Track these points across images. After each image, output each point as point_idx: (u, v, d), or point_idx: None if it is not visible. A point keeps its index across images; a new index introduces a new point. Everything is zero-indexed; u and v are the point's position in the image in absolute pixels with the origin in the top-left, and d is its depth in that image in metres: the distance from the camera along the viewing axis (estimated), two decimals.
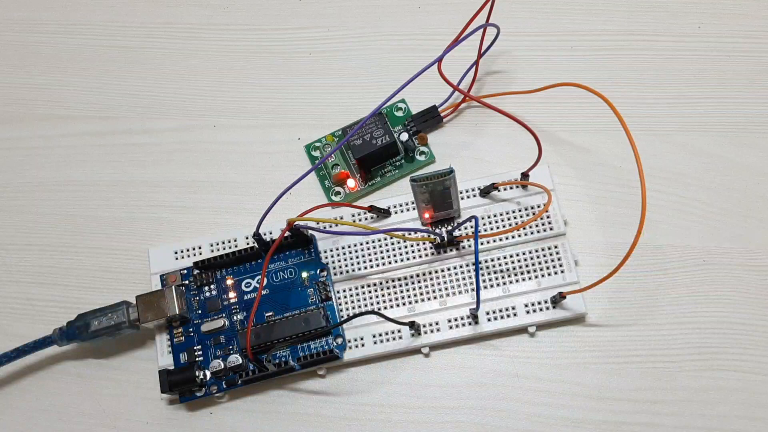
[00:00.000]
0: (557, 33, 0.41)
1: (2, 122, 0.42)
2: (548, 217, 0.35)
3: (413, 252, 0.35)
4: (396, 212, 0.36)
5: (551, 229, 0.35)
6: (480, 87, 0.40)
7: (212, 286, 0.35)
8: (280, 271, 0.35)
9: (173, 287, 0.34)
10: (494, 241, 0.35)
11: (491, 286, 0.34)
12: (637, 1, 0.41)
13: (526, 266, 0.35)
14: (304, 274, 0.35)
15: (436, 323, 0.34)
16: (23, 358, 0.35)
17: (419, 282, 0.35)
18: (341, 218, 0.36)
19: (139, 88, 0.42)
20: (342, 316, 0.34)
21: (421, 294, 0.35)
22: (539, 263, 0.35)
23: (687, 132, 0.38)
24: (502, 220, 0.36)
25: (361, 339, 0.34)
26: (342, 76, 0.41)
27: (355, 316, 0.32)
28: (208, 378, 0.33)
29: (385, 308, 0.34)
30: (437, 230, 0.35)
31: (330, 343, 0.34)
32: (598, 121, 0.39)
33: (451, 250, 0.35)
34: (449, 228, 0.35)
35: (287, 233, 0.34)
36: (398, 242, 0.35)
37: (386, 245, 0.35)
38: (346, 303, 0.35)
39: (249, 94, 0.42)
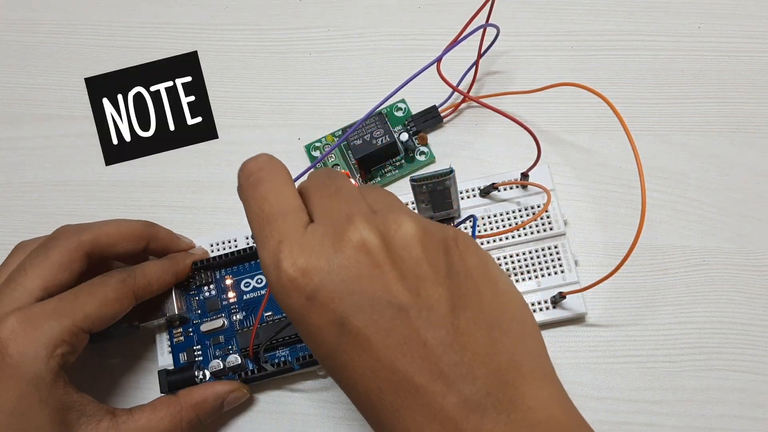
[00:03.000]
0: (557, 33, 0.41)
1: (2, 122, 0.42)
2: (548, 217, 0.35)
3: None
4: None
5: (551, 229, 0.35)
6: (480, 87, 0.40)
7: (211, 286, 0.35)
8: None
9: (173, 287, 0.34)
10: (494, 241, 0.35)
11: None
12: (637, 1, 0.41)
13: (526, 266, 0.35)
14: None
15: None
16: None
17: None
18: None
19: None
20: None
21: None
22: (539, 263, 0.35)
23: (687, 132, 0.38)
24: (502, 220, 0.36)
25: None
26: (342, 76, 0.41)
27: None
28: (207, 378, 0.33)
29: None
30: None
31: None
32: (598, 121, 0.39)
33: None
34: None
35: None
36: None
37: None
38: None
39: (249, 94, 0.42)
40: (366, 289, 0.20)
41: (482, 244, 0.35)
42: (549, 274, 0.34)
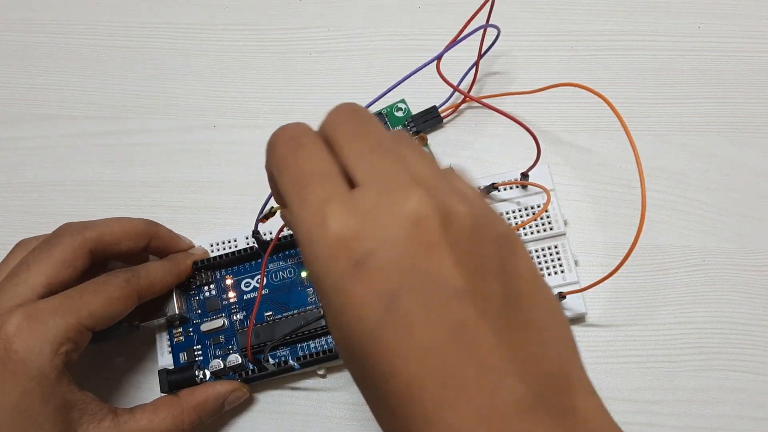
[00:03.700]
0: (557, 33, 0.41)
1: (2, 122, 0.42)
2: (548, 217, 0.35)
3: None
4: None
5: (551, 229, 0.35)
6: (480, 87, 0.40)
7: (212, 286, 0.35)
8: (280, 271, 0.35)
9: (173, 287, 0.34)
10: None
11: None
12: (637, 1, 0.41)
13: None
14: (304, 274, 0.35)
15: None
16: None
17: None
18: None
19: (139, 88, 0.42)
20: None
21: None
22: (539, 263, 0.35)
23: (687, 132, 0.38)
24: None
25: None
26: (342, 76, 0.41)
27: None
28: (208, 378, 0.33)
29: None
30: None
31: (330, 342, 0.34)
32: (598, 121, 0.39)
33: None
34: None
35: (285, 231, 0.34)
36: None
37: None
38: None
39: (249, 94, 0.42)
40: (422, 266, 0.18)
41: None
42: (549, 274, 0.34)
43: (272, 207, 0.30)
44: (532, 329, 0.19)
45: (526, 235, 0.35)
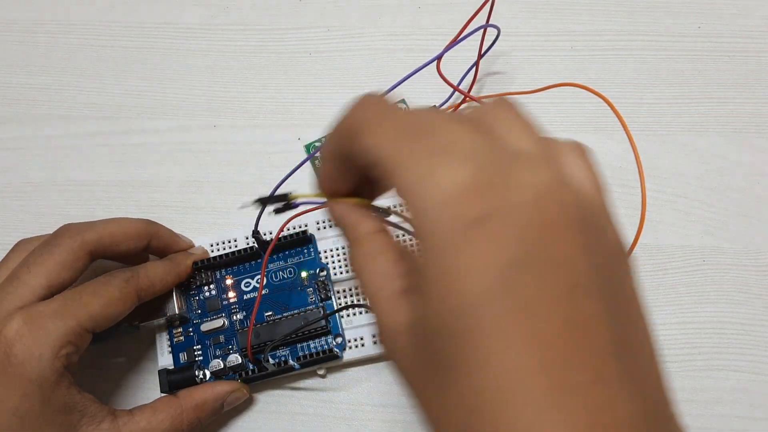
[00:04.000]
0: (557, 33, 0.41)
1: (2, 122, 0.42)
2: None
3: (414, 250, 0.35)
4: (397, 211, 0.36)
5: None
6: (480, 87, 0.40)
7: (212, 286, 0.35)
8: (280, 271, 0.35)
9: (173, 287, 0.34)
10: None
11: None
12: (637, 1, 0.41)
13: None
14: (304, 274, 0.35)
15: None
16: None
17: None
18: None
19: (139, 88, 0.42)
20: (342, 316, 0.34)
21: None
22: None
23: (687, 132, 0.38)
24: None
25: (361, 339, 0.34)
26: (342, 76, 0.41)
27: (349, 306, 0.32)
28: (208, 378, 0.33)
29: None
30: None
31: (330, 342, 0.34)
32: (598, 121, 0.39)
33: None
34: None
35: (285, 230, 0.34)
36: (399, 240, 0.35)
37: None
38: (346, 302, 0.35)
39: (249, 94, 0.42)
40: (549, 243, 0.15)
41: None
42: None
43: (288, 194, 0.25)
44: (642, 353, 0.17)
45: None
